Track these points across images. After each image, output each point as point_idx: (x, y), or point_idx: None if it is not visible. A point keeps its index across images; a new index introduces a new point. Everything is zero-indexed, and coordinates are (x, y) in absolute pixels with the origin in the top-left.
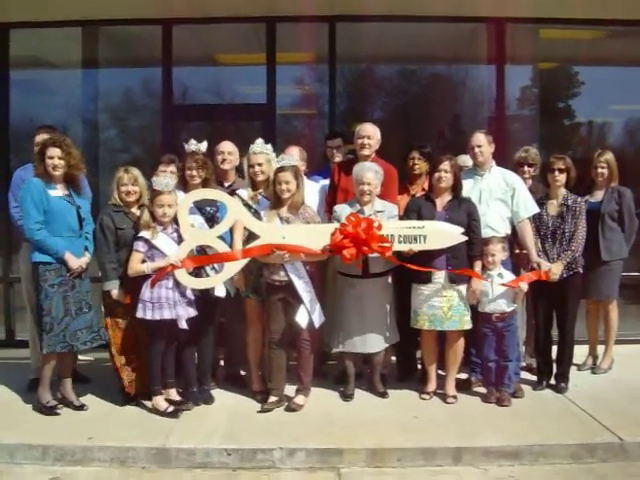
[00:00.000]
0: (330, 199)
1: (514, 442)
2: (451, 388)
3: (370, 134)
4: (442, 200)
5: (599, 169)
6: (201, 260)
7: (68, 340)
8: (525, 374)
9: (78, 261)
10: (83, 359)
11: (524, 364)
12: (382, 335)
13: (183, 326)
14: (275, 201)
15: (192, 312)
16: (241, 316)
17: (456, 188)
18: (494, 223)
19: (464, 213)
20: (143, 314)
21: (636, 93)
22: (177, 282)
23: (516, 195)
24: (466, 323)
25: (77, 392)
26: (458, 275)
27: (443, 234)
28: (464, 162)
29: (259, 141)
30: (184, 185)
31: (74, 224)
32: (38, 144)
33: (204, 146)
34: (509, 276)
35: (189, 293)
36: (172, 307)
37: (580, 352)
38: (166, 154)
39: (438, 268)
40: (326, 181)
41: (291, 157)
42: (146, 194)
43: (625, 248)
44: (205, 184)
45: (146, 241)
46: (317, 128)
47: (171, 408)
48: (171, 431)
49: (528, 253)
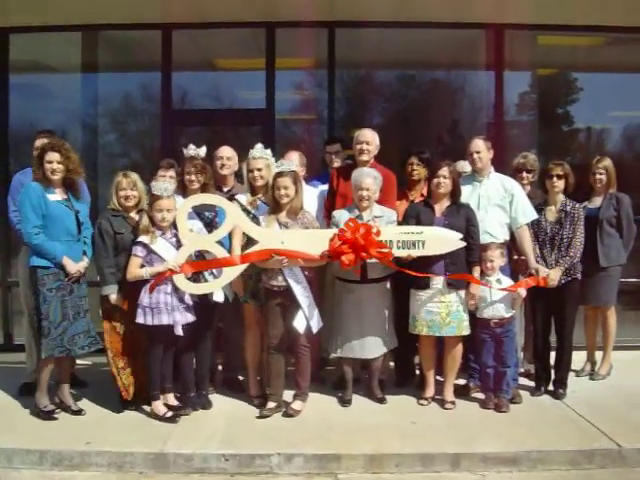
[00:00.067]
0: (329, 204)
1: (512, 448)
2: (449, 394)
3: (369, 140)
4: (441, 206)
5: (597, 175)
6: (200, 265)
7: (66, 345)
8: (523, 380)
9: (76, 266)
10: (81, 363)
11: (522, 370)
12: (380, 340)
13: (179, 332)
14: (274, 206)
15: (190, 317)
16: (239, 321)
17: (455, 194)
18: (492, 229)
19: (463, 219)
20: (142, 319)
21: (634, 99)
22: (176, 287)
23: (514, 201)
24: (464, 329)
25: (75, 396)
26: (456, 281)
27: (442, 240)
28: (463, 168)
29: (258, 146)
30: (183, 190)
31: (72, 228)
32: (37, 148)
33: (203, 151)
34: (508, 282)
35: (187, 298)
36: (170, 312)
37: (578, 358)
38: (165, 159)
39: (436, 274)
40: (325, 186)
41: (290, 162)
42: (145, 199)
43: (623, 254)
44: (204, 189)
45: (145, 246)
46: (316, 133)
47: (169, 413)
48: (169, 436)
49: (526, 259)
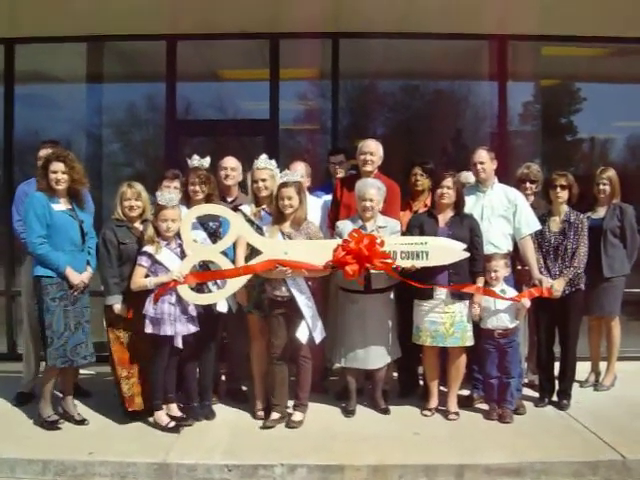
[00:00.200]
0: (332, 215)
1: (516, 459)
2: (453, 404)
3: (373, 150)
4: (444, 216)
5: (601, 186)
6: (204, 276)
7: (68, 355)
8: (527, 390)
9: (79, 276)
10: (84, 373)
11: (526, 380)
12: (384, 351)
13: (179, 344)
14: (278, 216)
15: (192, 328)
16: (243, 332)
17: (458, 205)
18: (496, 240)
19: (466, 229)
20: (148, 329)
21: (638, 110)
22: (180, 298)
23: (518, 212)
24: (468, 339)
25: (78, 406)
26: (459, 292)
27: (445, 250)
28: (466, 178)
29: (263, 157)
30: (187, 200)
31: (77, 238)
32: (41, 158)
33: (207, 161)
34: (511, 292)
35: (191, 309)
36: (172, 323)
37: (582, 369)
38: (170, 169)
39: (440, 285)
40: (328, 197)
41: (294, 173)
42: (149, 209)
43: (627, 265)
44: (208, 199)
45: (150, 256)
46: (320, 144)
47: (172, 423)
48: (172, 446)
49: (530, 270)
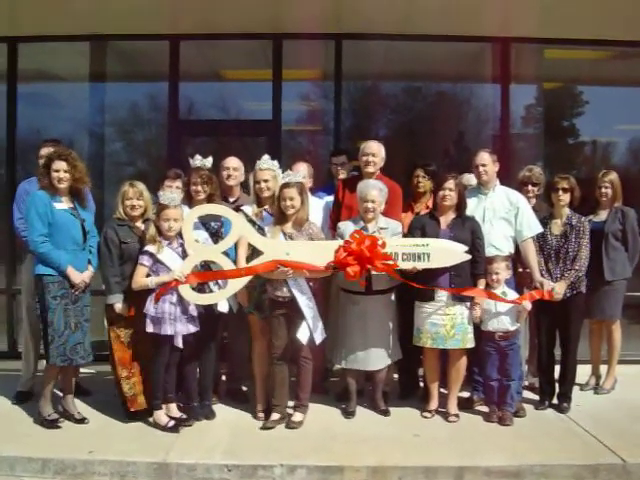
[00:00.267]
0: (334, 216)
1: (516, 462)
2: (453, 406)
3: (375, 152)
4: (446, 218)
5: (603, 189)
6: (205, 276)
7: (68, 354)
8: (527, 393)
9: (80, 276)
10: (84, 372)
11: (526, 383)
12: (384, 352)
13: (178, 344)
14: (279, 217)
15: (192, 328)
16: (243, 332)
17: (460, 207)
18: (498, 242)
19: (468, 231)
20: (149, 328)
21: None
22: (181, 297)
23: (520, 214)
24: (469, 341)
25: (78, 405)
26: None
27: (447, 252)
28: (468, 181)
29: (266, 157)
30: (189, 200)
31: (78, 237)
32: (42, 157)
33: (209, 162)
34: (513, 295)
35: (192, 309)
36: (172, 323)
37: (583, 372)
38: (172, 169)
39: (441, 286)
40: (330, 198)
41: (297, 173)
42: (151, 208)
43: (629, 268)
44: (210, 199)
45: (151, 255)
46: (322, 145)
47: (171, 423)
48: (172, 446)
49: (531, 272)
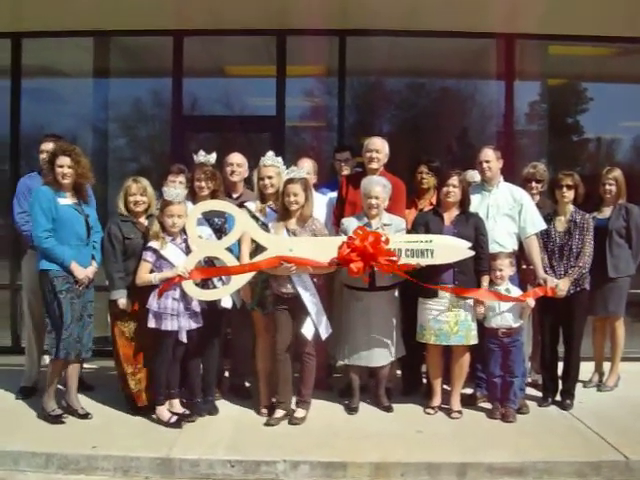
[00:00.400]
0: (338, 212)
1: (519, 458)
2: (456, 403)
3: (379, 148)
4: (450, 215)
5: (607, 186)
6: (209, 272)
7: (73, 348)
8: (530, 390)
9: (84, 271)
10: (88, 367)
11: (530, 380)
12: (388, 349)
13: (183, 339)
14: (283, 213)
15: (194, 324)
16: (247, 327)
17: (464, 203)
18: (501, 239)
19: (472, 228)
20: (151, 324)
21: None
22: (184, 293)
23: (523, 211)
24: (472, 338)
25: (82, 400)
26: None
27: (450, 249)
28: (472, 177)
29: (270, 154)
30: (193, 196)
31: (82, 232)
32: (43, 152)
33: (213, 157)
34: (516, 292)
35: (195, 304)
36: (175, 318)
37: (586, 369)
38: (175, 164)
39: (445, 283)
40: (334, 194)
41: (301, 169)
42: (154, 204)
43: (632, 265)
44: (214, 195)
45: (155, 251)
46: (326, 141)
47: (174, 418)
48: (175, 442)
49: (535, 269)
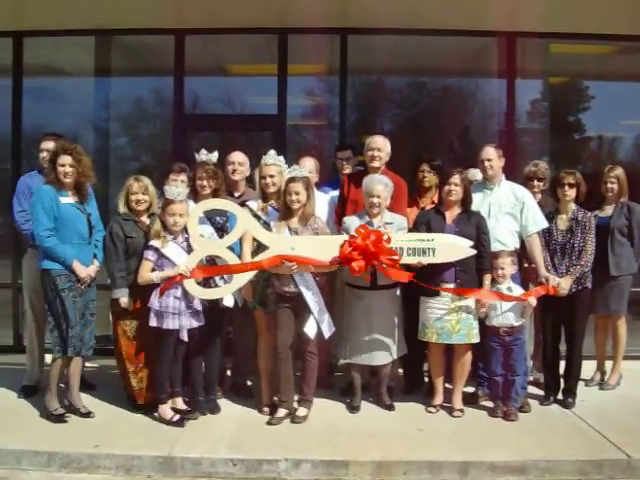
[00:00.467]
0: (339, 210)
1: (520, 457)
2: (458, 401)
3: (380, 146)
4: (452, 213)
5: (609, 184)
6: (210, 270)
7: (76, 345)
8: (532, 389)
9: (86, 270)
10: (89, 366)
11: (531, 378)
12: (389, 347)
13: (184, 338)
14: (285, 212)
15: (195, 323)
16: (249, 326)
17: (466, 202)
18: (503, 237)
19: (473, 226)
20: (153, 323)
21: None
22: (186, 292)
23: (525, 209)
24: (474, 336)
25: (83, 399)
26: (466, 288)
27: (452, 247)
28: (474, 176)
29: (271, 152)
30: (194, 195)
31: (84, 231)
32: (43, 150)
33: (215, 156)
34: (518, 290)
35: (196, 303)
36: (177, 317)
37: (588, 367)
38: (177, 163)
39: (447, 281)
40: (335, 192)
41: (303, 168)
42: (156, 203)
43: (634, 263)
44: (215, 194)
45: (156, 250)
46: (327, 139)
47: (176, 417)
48: (177, 440)
49: (536, 267)
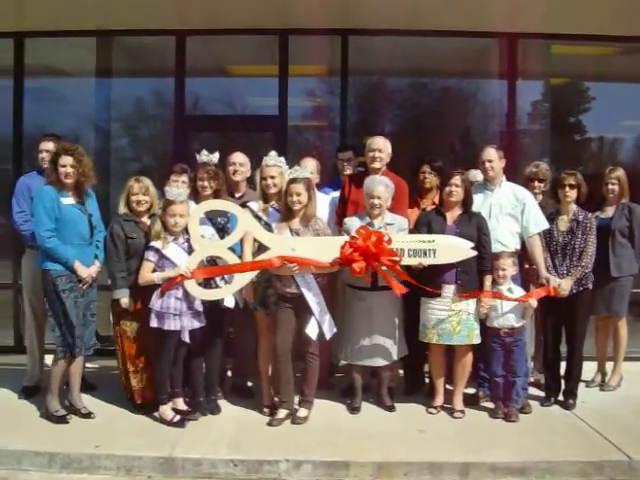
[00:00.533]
0: (340, 211)
1: (521, 458)
2: (459, 402)
3: (381, 147)
4: (452, 214)
5: (610, 185)
6: (211, 271)
7: (77, 345)
8: (533, 390)
9: (87, 270)
10: (90, 367)
11: (532, 380)
12: (390, 348)
13: (185, 339)
14: (286, 213)
15: (196, 323)
16: (249, 327)
17: (466, 203)
18: (504, 238)
19: (474, 227)
20: (154, 324)
21: None
22: (187, 293)
23: (526, 210)
24: (475, 338)
25: (84, 399)
26: (467, 289)
27: (453, 248)
28: (474, 177)
29: (272, 154)
30: (195, 196)
31: (85, 232)
32: (42, 151)
33: (216, 157)
34: (519, 291)
35: (197, 304)
36: (178, 318)
37: (589, 368)
38: (178, 164)
39: (447, 282)
40: (336, 193)
41: (304, 169)
42: (157, 204)
43: (635, 264)
44: (216, 195)
45: (157, 251)
46: (328, 140)
47: (177, 417)
48: (177, 441)
49: (537, 268)
